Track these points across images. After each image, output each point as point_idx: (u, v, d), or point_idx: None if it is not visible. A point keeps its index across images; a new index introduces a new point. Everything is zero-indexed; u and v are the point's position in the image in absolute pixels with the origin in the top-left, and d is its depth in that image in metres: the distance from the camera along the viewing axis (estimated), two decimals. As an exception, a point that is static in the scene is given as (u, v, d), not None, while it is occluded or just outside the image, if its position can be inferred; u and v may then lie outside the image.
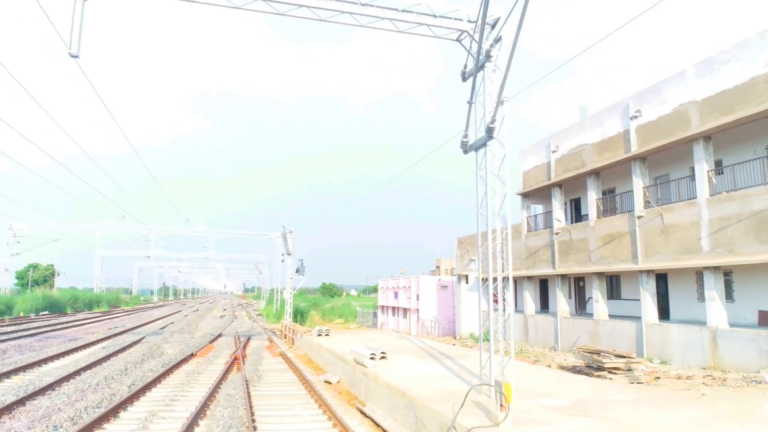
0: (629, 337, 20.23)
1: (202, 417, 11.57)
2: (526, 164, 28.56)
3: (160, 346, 25.31)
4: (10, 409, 11.66)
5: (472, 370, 15.44)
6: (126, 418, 11.53)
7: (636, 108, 20.20)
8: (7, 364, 18.11)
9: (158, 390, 14.83)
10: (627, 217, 20.74)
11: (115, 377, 16.35)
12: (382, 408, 13.80)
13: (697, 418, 9.92)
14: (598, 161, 22.39)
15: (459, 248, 34.55)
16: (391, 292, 45.72)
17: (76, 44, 10.83)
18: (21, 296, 54.72)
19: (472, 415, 9.78)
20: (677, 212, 18.30)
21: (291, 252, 46.87)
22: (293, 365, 20.14)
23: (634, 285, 21.98)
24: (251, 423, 10.55)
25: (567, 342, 23.84)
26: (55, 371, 17.20)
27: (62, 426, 10.33)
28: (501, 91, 10.82)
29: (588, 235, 23.07)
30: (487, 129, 11.50)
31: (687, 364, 17.46)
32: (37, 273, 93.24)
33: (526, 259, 27.73)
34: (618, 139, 21.38)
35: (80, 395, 13.46)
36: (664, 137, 18.70)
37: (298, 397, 14.49)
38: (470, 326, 31.95)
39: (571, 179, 24.40)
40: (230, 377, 17.06)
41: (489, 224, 12.03)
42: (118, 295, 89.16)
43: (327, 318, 53.73)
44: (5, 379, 15.76)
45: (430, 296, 38.45)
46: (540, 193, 27.86)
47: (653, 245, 19.23)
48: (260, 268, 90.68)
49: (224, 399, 13.31)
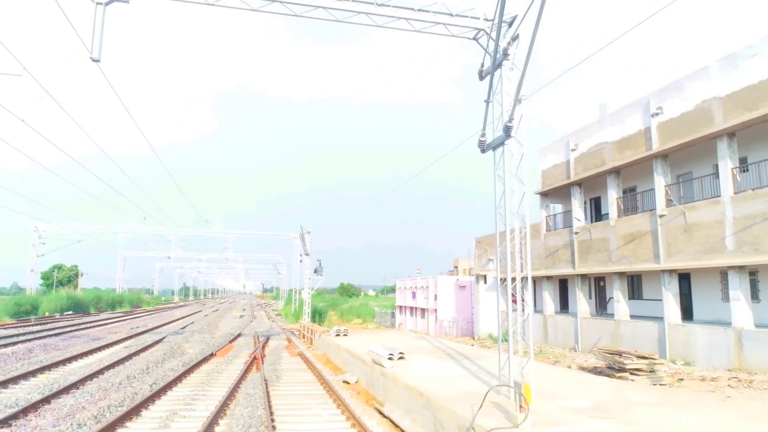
0: (651, 338, 19.90)
1: (222, 416, 11.67)
2: (545, 163, 28.28)
3: (181, 346, 25.62)
4: (36, 407, 11.90)
5: (490, 371, 15.33)
6: (148, 417, 11.68)
7: (657, 105, 19.87)
8: (33, 363, 18.50)
9: (179, 389, 15.01)
10: (648, 215, 20.42)
11: (137, 376, 16.59)
12: (401, 408, 13.77)
13: (722, 420, 9.70)
14: (619, 159, 22.07)
15: (477, 248, 34.36)
16: (409, 293, 45.66)
17: (97, 49, 11.02)
18: (46, 296, 55.87)
19: (491, 416, 9.71)
20: (700, 211, 17.96)
21: (309, 252, 47.09)
22: (312, 365, 20.22)
23: (656, 285, 21.63)
24: (270, 422, 10.61)
25: (587, 343, 23.55)
26: (79, 370, 17.52)
27: (86, 424, 10.51)
28: (519, 89, 10.73)
29: (608, 234, 22.76)
30: (504, 128, 11.40)
31: (711, 365, 17.11)
32: (62, 274, 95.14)
33: (545, 259, 27.46)
34: (639, 137, 21.06)
35: (103, 394, 13.68)
36: (687, 134, 18.36)
37: (316, 396, 14.54)
38: (488, 326, 31.75)
39: (591, 178, 24.10)
40: (249, 377, 17.19)
41: (507, 224, 11.93)
42: (140, 296, 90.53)
43: (345, 318, 53.88)
44: (31, 377, 16.10)
45: (448, 296, 38.31)
46: (559, 192, 27.57)
47: (676, 244, 18.90)
48: (279, 269, 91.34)
49: (244, 398, 13.41)
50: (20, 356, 20.33)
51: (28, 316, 44.60)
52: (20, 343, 24.41)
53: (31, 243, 58.38)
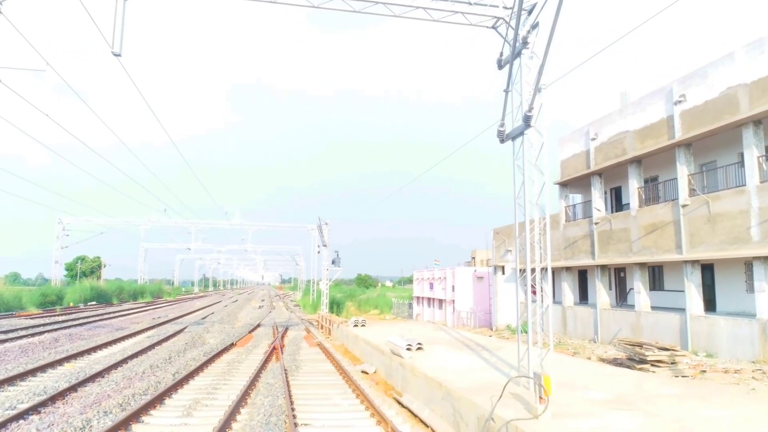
0: (673, 329, 19.65)
1: (244, 405, 11.84)
2: (565, 153, 27.95)
3: (202, 336, 26.01)
4: (63, 395, 12.21)
5: (509, 362, 15.30)
6: (171, 405, 11.90)
7: (680, 92, 19.46)
8: (59, 352, 18.95)
9: (201, 378, 15.25)
10: (671, 205, 20.09)
11: (160, 366, 16.89)
12: (420, 399, 13.83)
13: (748, 414, 9.55)
14: (640, 148, 21.72)
15: (495, 239, 34.19)
16: (427, 284, 45.67)
17: (118, 43, 11.14)
18: (70, 287, 57.09)
19: (510, 407, 9.69)
20: (725, 200, 17.61)
21: (327, 243, 47.31)
22: (330, 355, 20.38)
23: (678, 276, 21.31)
24: (291, 412, 10.73)
25: (607, 334, 23.35)
26: (103, 359, 17.90)
27: (112, 412, 10.75)
28: (539, 78, 10.59)
29: (629, 224, 22.45)
30: (524, 117, 11.29)
31: (735, 357, 16.86)
32: (85, 265, 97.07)
33: (565, 250, 27.22)
34: (661, 126, 20.68)
35: (128, 383, 13.97)
36: (711, 122, 17.98)
37: (335, 386, 14.66)
38: (507, 317, 31.64)
39: (612, 167, 23.77)
40: (269, 367, 17.40)
41: (526, 214, 11.83)
42: (161, 286, 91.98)
43: (362, 309, 54.13)
44: (58, 366, 16.50)
45: (465, 287, 38.24)
46: (579, 182, 27.25)
47: (699, 235, 18.58)
48: (297, 260, 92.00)
49: (264, 388, 13.58)
50: (47, 345, 20.84)
51: (54, 306, 45.64)
52: (47, 332, 25.01)
53: (56, 235, 59.64)
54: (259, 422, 9.96)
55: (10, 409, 10.85)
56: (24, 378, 14.28)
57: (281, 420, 10.22)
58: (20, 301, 42.35)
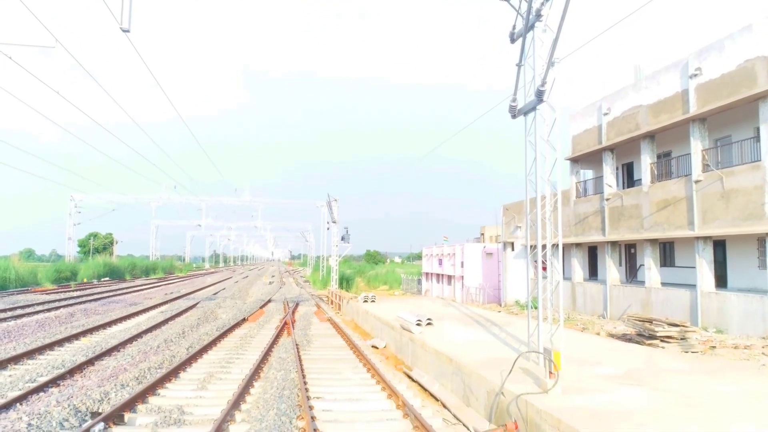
0: (683, 305, 19.64)
1: (257, 378, 12.05)
2: (576, 128, 27.62)
3: (214, 311, 26.36)
4: (81, 369, 12.49)
5: (519, 337, 15.41)
6: (186, 379, 12.14)
7: (696, 66, 19.06)
8: (75, 327, 19.32)
9: (214, 352, 15.51)
10: (684, 181, 19.87)
11: (174, 340, 17.18)
12: (429, 373, 14.00)
13: (757, 389, 9.59)
14: (654, 123, 21.40)
15: (505, 215, 34.09)
16: (436, 260, 45.82)
17: (126, 19, 11.05)
18: (84, 263, 57.91)
19: (520, 382, 9.80)
20: (739, 176, 17.38)
21: (336, 220, 47.44)
22: (341, 330, 20.61)
23: (689, 252, 21.20)
24: (303, 385, 10.92)
25: (617, 310, 23.39)
26: (119, 334, 18.23)
27: (128, 385, 10.99)
28: (552, 51, 10.41)
29: (641, 200, 22.27)
30: (536, 92, 11.12)
31: (745, 333, 16.85)
32: (97, 241, 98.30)
33: (575, 226, 27.12)
34: (675, 100, 20.32)
35: (143, 356, 14.24)
36: (727, 96, 17.64)
37: (346, 361, 14.86)
38: (516, 293, 31.75)
39: (624, 143, 23.48)
40: (281, 341, 17.64)
41: (538, 191, 11.76)
42: (173, 263, 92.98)
43: (372, 285, 54.51)
44: (75, 340, 16.84)
45: (474, 263, 38.33)
46: (590, 158, 26.98)
47: (712, 211, 18.40)
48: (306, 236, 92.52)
49: (276, 362, 13.79)
50: (63, 320, 21.24)
51: (68, 282, 46.40)
52: (62, 307, 25.46)
53: (68, 212, 60.29)
54: (273, 395, 10.15)
55: (30, 381, 11.12)
56: (42, 352, 14.61)
57: (294, 393, 10.40)
58: (35, 276, 43.08)
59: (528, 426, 8.47)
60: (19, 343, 15.75)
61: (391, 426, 8.98)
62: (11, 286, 37.78)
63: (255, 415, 8.94)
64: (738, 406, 8.33)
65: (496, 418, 9.64)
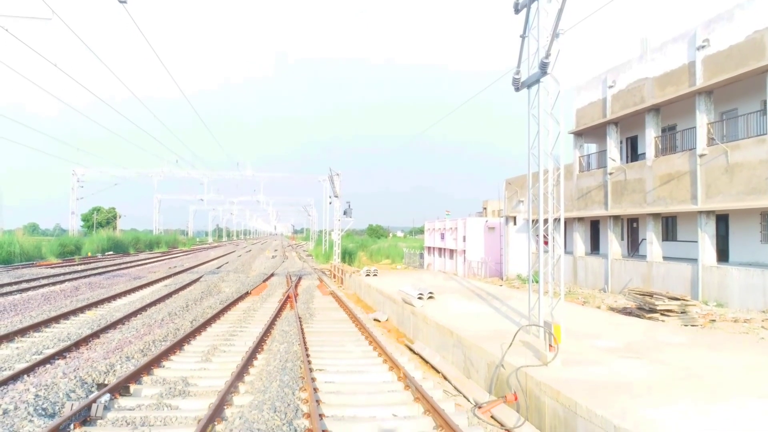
0: (684, 279, 19.70)
1: (260, 351, 12.20)
2: (580, 101, 27.30)
3: (217, 285, 26.57)
4: (86, 341, 12.65)
5: (520, 311, 15.52)
6: (190, 351, 12.30)
7: (704, 37, 18.71)
8: (80, 300, 19.51)
9: (218, 326, 15.68)
10: (688, 155, 19.71)
11: (178, 313, 17.35)
12: (431, 346, 14.16)
13: (756, 362, 9.67)
14: (659, 96, 21.12)
15: (507, 190, 33.99)
16: (438, 234, 45.90)
17: (123, -11, 10.83)
18: (88, 238, 58.19)
19: (520, 355, 9.90)
20: (744, 150, 17.21)
21: (338, 194, 47.42)
22: (343, 304, 20.77)
23: (691, 226, 21.17)
24: (306, 357, 11.05)
25: (618, 284, 23.49)
26: (123, 307, 18.41)
27: (134, 357, 11.13)
28: (557, 22, 10.21)
29: (644, 175, 22.14)
30: (540, 64, 10.95)
31: (745, 307, 16.93)
32: (101, 216, 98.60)
33: (577, 200, 27.05)
34: (682, 72, 20.02)
35: (147, 329, 14.41)
36: (735, 68, 17.34)
37: (349, 334, 15.01)
38: (517, 267, 31.87)
39: (629, 116, 23.22)
40: (284, 314, 17.80)
41: (541, 165, 11.69)
42: (176, 237, 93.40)
43: (374, 259, 54.74)
44: (80, 313, 17.03)
45: (476, 238, 38.38)
46: (594, 132, 26.74)
47: (715, 185, 18.29)
48: (308, 211, 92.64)
49: (279, 335, 13.93)
50: (68, 294, 21.44)
51: (72, 256, 46.70)
52: (67, 281, 25.69)
53: (71, 186, 60.31)
54: (276, 367, 10.28)
55: (36, 354, 11.28)
56: (48, 325, 14.78)
57: (297, 365, 10.53)
58: (40, 251, 43.34)
59: (527, 397, 8.58)
60: (25, 316, 15.93)
61: (393, 398, 9.10)
62: (16, 260, 38.07)
63: (258, 386, 9.07)
64: (736, 379, 8.41)
65: (496, 389, 9.78)
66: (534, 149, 11.95)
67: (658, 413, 6.70)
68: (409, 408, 8.48)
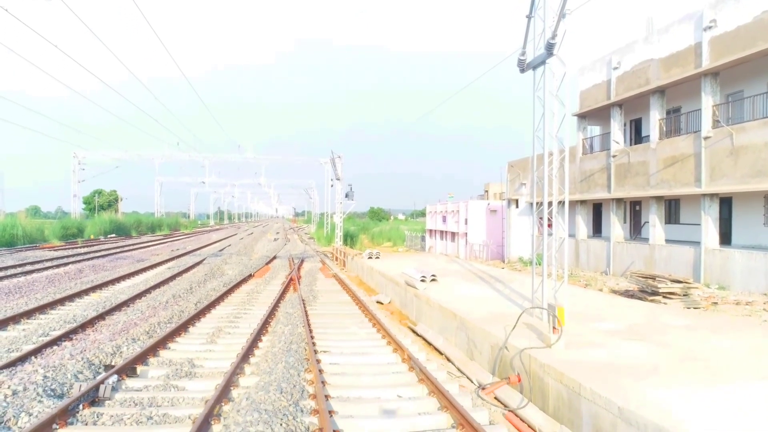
0: (686, 262, 19.73)
1: (264, 333, 12.28)
2: (584, 83, 27.07)
3: (220, 267, 26.67)
4: (92, 323, 12.74)
5: (522, 294, 15.58)
6: (195, 333, 12.39)
7: (711, 17, 18.46)
8: (85, 282, 19.61)
9: (222, 308, 15.77)
10: (692, 138, 19.59)
11: (182, 296, 17.45)
12: (434, 328, 14.25)
13: (757, 343, 9.72)
14: (665, 78, 20.93)
15: (510, 172, 33.89)
16: (440, 217, 45.90)
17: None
18: (90, 220, 58.22)
19: (524, 337, 9.96)
20: (750, 132, 17.10)
21: (340, 177, 47.33)
22: (346, 286, 20.86)
23: (694, 209, 21.15)
24: (310, 339, 11.13)
25: (620, 267, 23.54)
26: (127, 289, 18.51)
27: (139, 339, 11.22)
28: (564, 2, 10.07)
29: (648, 157, 22.05)
30: (546, 45, 10.84)
31: (747, 290, 16.98)
32: (102, 198, 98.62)
33: (580, 183, 26.98)
34: (688, 54, 19.80)
35: (152, 311, 14.50)
36: (742, 49, 17.15)
37: (352, 316, 15.09)
38: (519, 250, 31.92)
39: (633, 98, 23.04)
40: (287, 297, 17.88)
41: (545, 147, 11.63)
42: (178, 219, 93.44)
43: (376, 241, 54.84)
44: (84, 296, 17.12)
45: (478, 220, 38.39)
46: (598, 114, 26.57)
47: (720, 168, 18.22)
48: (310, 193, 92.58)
49: (283, 317, 14.01)
50: (72, 276, 21.54)
51: (75, 238, 46.81)
52: (71, 264, 25.80)
53: (72, 169, 60.21)
54: (281, 349, 10.36)
55: (43, 336, 11.37)
56: (54, 307, 14.87)
57: (301, 347, 10.61)
58: (42, 233, 43.44)
59: (531, 379, 8.65)
60: (30, 298, 16.03)
61: (397, 379, 9.18)
62: (19, 243, 38.18)
63: (264, 368, 9.14)
64: (739, 361, 8.46)
65: (500, 371, 9.85)
66: (539, 131, 11.88)
67: (662, 394, 6.75)
68: (413, 389, 8.55)
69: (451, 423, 7.17)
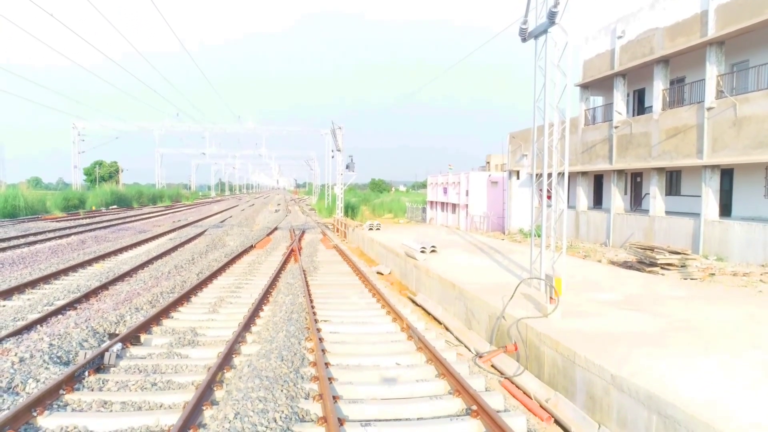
0: (686, 234, 19.80)
1: (266, 303, 12.44)
2: (588, 52, 26.69)
3: (222, 238, 26.81)
4: (96, 293, 12.90)
5: (521, 265, 15.70)
6: (197, 303, 12.56)
7: (718, -16, 18.08)
8: (87, 253, 19.77)
9: (223, 278, 15.93)
10: (696, 108, 19.42)
11: (184, 266, 17.60)
12: (433, 298, 14.42)
13: (753, 314, 9.85)
14: (669, 47, 20.62)
15: (511, 143, 33.72)
16: (441, 188, 45.88)
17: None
18: (92, 191, 58.30)
19: (521, 307, 10.09)
20: (753, 103, 16.95)
21: (341, 148, 47.11)
22: (347, 257, 21.01)
23: (695, 181, 21.11)
24: (311, 308, 11.29)
25: (619, 238, 23.64)
26: (130, 260, 18.66)
27: (143, 308, 11.39)
28: (567, -31, 9.87)
29: (650, 128, 21.90)
30: (549, 13, 10.67)
31: (745, 261, 17.09)
32: (103, 169, 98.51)
33: (582, 154, 26.87)
34: (694, 22, 19.46)
35: (155, 282, 14.66)
36: (748, 18, 16.86)
37: (352, 286, 15.25)
38: (519, 222, 32.02)
39: (637, 68, 22.76)
40: (288, 267, 18.04)
41: (546, 118, 11.57)
42: (179, 191, 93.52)
43: (377, 213, 54.98)
44: (87, 266, 17.28)
45: (479, 192, 38.40)
46: (601, 84, 26.28)
47: (722, 139, 18.12)
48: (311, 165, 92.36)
49: (284, 287, 14.17)
50: (75, 247, 21.70)
51: (77, 210, 46.96)
52: (73, 235, 25.94)
53: (72, 140, 59.99)
54: (282, 318, 10.52)
55: (48, 305, 11.54)
56: (57, 277, 15.04)
57: (302, 317, 10.77)
58: (44, 204, 43.57)
59: (527, 348, 8.81)
60: (34, 268, 16.19)
61: (396, 347, 9.35)
62: (21, 214, 38.32)
63: (265, 336, 9.31)
64: (733, 330, 8.59)
65: (497, 340, 10.02)
66: (540, 102, 11.80)
67: (655, 362, 6.89)
68: (412, 357, 8.72)
69: (448, 389, 7.34)
